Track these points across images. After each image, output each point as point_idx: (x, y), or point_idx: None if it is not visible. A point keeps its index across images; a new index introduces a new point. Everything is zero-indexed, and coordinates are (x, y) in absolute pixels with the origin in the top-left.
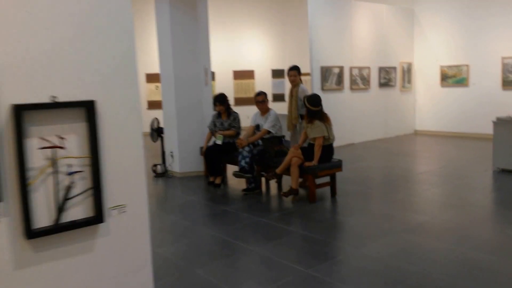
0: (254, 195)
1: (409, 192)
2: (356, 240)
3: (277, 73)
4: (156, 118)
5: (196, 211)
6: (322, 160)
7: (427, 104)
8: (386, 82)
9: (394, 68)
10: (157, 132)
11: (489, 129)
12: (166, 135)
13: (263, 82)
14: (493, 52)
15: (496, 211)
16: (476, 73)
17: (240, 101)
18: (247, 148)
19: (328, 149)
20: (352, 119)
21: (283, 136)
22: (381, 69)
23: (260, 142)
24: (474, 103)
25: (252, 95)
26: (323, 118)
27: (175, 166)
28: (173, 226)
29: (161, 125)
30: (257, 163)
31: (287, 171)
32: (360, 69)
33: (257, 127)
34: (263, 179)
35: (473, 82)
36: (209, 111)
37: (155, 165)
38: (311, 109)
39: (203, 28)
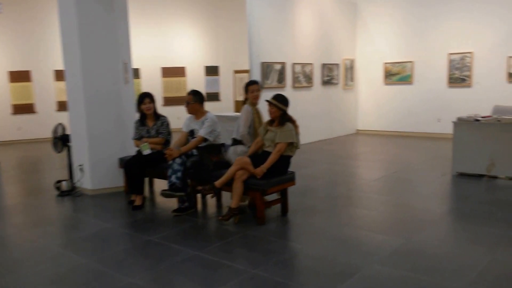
0: (188, 217)
1: (366, 205)
2: (322, 283)
3: (211, 70)
4: (61, 124)
5: (112, 246)
6: (276, 173)
7: (370, 103)
8: (329, 79)
9: (337, 65)
10: (61, 141)
11: (435, 128)
12: (73, 144)
13: (196, 80)
14: (439, 48)
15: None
16: (421, 70)
17: (170, 101)
18: (178, 160)
19: (287, 160)
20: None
21: (223, 144)
22: (324, 66)
23: (194, 152)
24: (419, 101)
25: (182, 94)
26: (293, 121)
27: (86, 181)
28: (79, 273)
29: (68, 132)
30: (191, 177)
31: (229, 186)
32: (303, 65)
33: (191, 134)
34: (199, 195)
35: (417, 80)
36: (131, 114)
37: (59, 181)
38: (284, 109)
39: (121, 17)
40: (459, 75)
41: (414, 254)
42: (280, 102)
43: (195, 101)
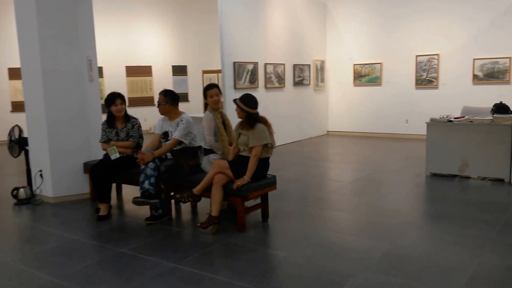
0: (162, 225)
1: (346, 208)
2: None
3: (178, 70)
4: (17, 125)
5: (79, 260)
6: (257, 176)
7: (340, 104)
8: (300, 80)
9: (308, 65)
10: (18, 144)
11: (403, 129)
12: (32, 147)
13: (163, 80)
14: (407, 50)
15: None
16: (389, 71)
17: (135, 102)
18: (151, 165)
19: (265, 163)
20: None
21: (200, 147)
22: (295, 67)
23: (169, 155)
24: (387, 102)
25: (149, 94)
26: (265, 122)
27: (47, 189)
28: None
29: (25, 134)
30: (166, 182)
31: (208, 191)
32: (275, 66)
33: (165, 136)
34: (173, 201)
35: (386, 81)
36: (97, 115)
37: (16, 189)
38: (251, 112)
39: (84, 9)
40: (426, 77)
41: (403, 260)
42: (243, 102)
43: (166, 102)
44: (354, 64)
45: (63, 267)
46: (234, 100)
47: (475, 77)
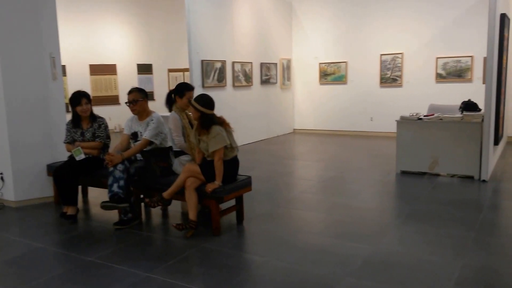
0: (132, 230)
1: (322, 209)
2: None
3: (143, 68)
4: None
5: (44, 270)
6: (228, 178)
7: (306, 102)
8: (267, 79)
9: (275, 64)
10: None
11: (368, 127)
12: None
13: (128, 78)
14: (371, 49)
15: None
16: (354, 70)
17: (99, 101)
18: (120, 167)
19: (233, 163)
20: (235, 119)
21: (171, 148)
22: (262, 65)
23: (138, 156)
24: (353, 100)
25: (113, 93)
26: (221, 122)
27: (8, 192)
28: None
29: None
30: (136, 185)
31: (179, 195)
32: (243, 64)
33: (134, 137)
34: (143, 204)
35: (351, 80)
36: (61, 115)
37: None
38: (206, 113)
39: (47, 4)
40: (390, 75)
41: (386, 264)
42: (198, 102)
43: (143, 97)
44: (320, 63)
45: (26, 279)
46: (189, 101)
47: (438, 75)
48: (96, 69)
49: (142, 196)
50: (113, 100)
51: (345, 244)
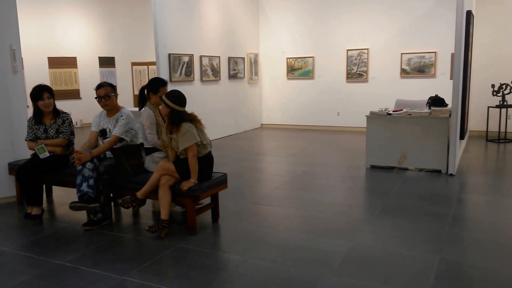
0: (103, 231)
1: (296, 205)
2: None
3: (105, 61)
4: None
5: (10, 276)
6: (203, 175)
7: (274, 97)
8: (235, 73)
9: (243, 59)
10: None
11: (335, 122)
12: None
13: (89, 72)
14: (338, 45)
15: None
16: (321, 65)
17: (58, 95)
18: (89, 165)
19: (207, 160)
20: (203, 114)
21: (142, 145)
22: (230, 60)
23: (108, 154)
24: (320, 95)
25: (74, 87)
26: (192, 119)
27: None
28: None
29: None
30: (106, 184)
31: (152, 194)
32: (211, 58)
33: (102, 134)
34: (113, 203)
35: (318, 75)
36: (22, 111)
37: None
38: (177, 109)
39: None
40: (356, 71)
41: (366, 260)
42: (168, 97)
43: (114, 92)
44: (287, 58)
45: None
46: (160, 97)
47: (402, 71)
48: (55, 62)
49: (112, 195)
50: (73, 94)
51: (323, 241)
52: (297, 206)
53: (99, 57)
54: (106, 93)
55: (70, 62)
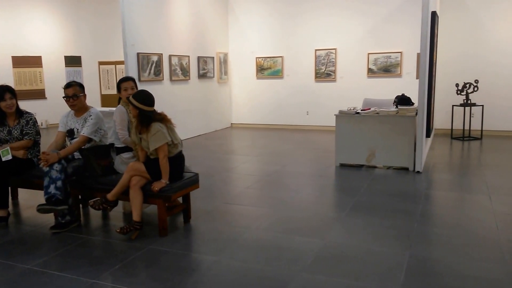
0: (71, 234)
1: (268, 204)
2: None
3: (72, 60)
4: None
5: None
6: (173, 176)
7: (243, 97)
8: (204, 73)
9: (212, 58)
10: None
11: (304, 121)
12: None
13: (54, 71)
14: (306, 44)
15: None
16: (290, 65)
17: (23, 95)
18: (57, 166)
19: (178, 160)
20: (173, 114)
21: (112, 145)
22: (199, 59)
23: (76, 155)
24: (289, 95)
25: (39, 86)
26: (162, 118)
27: None
28: None
29: None
30: (74, 186)
31: (123, 195)
32: (180, 58)
33: (70, 134)
34: (82, 205)
35: (287, 74)
36: None
37: None
38: (145, 110)
39: None
40: (325, 70)
41: (338, 257)
42: (136, 98)
43: (83, 91)
44: (257, 57)
45: None
46: (127, 98)
47: (369, 70)
48: (20, 61)
49: (80, 197)
50: (38, 94)
51: (295, 239)
52: (269, 205)
53: (65, 56)
54: (74, 92)
55: (34, 61)
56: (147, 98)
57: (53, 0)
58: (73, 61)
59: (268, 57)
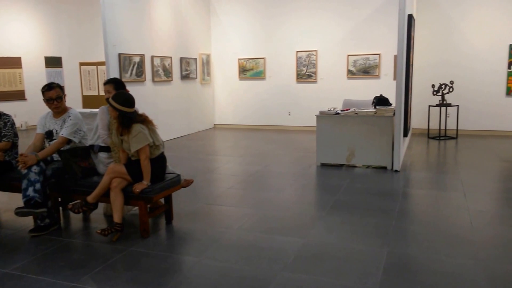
0: (51, 236)
1: (251, 204)
2: None
3: (52, 61)
4: None
5: None
6: (155, 177)
7: (226, 98)
8: (187, 74)
9: (195, 59)
10: None
11: (286, 121)
12: None
13: (34, 72)
14: (288, 46)
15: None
16: (272, 66)
17: (2, 96)
18: (35, 168)
19: (159, 161)
20: (155, 115)
21: (92, 147)
22: (182, 60)
23: (55, 157)
24: (271, 95)
25: (18, 87)
26: (143, 120)
27: None
28: None
29: None
30: (53, 188)
31: (104, 197)
32: (162, 59)
33: (49, 136)
34: (61, 208)
35: (269, 75)
36: None
37: None
38: (125, 111)
39: None
40: (306, 72)
41: (318, 256)
42: (115, 100)
43: (63, 92)
44: (239, 59)
45: None
46: (107, 99)
47: (349, 72)
48: None
49: (60, 199)
50: (17, 95)
51: (276, 239)
52: (251, 205)
53: (45, 57)
54: (57, 95)
55: (14, 62)
56: (126, 100)
57: (33, 0)
58: (53, 62)
59: (250, 59)
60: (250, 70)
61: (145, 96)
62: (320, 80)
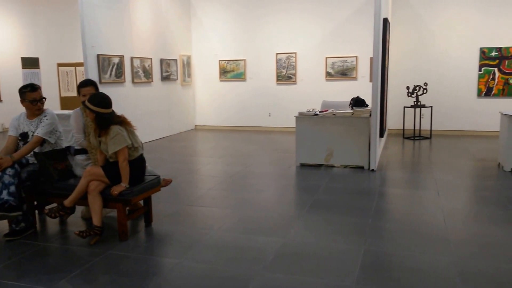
0: (26, 241)
1: (231, 205)
2: None
3: (29, 62)
4: None
5: None
6: (134, 179)
7: (207, 99)
8: (168, 75)
9: (175, 60)
10: None
11: (266, 122)
12: None
13: (10, 74)
14: (268, 48)
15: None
16: (252, 68)
17: None
18: (10, 171)
19: (138, 163)
20: (135, 116)
21: (69, 148)
22: (162, 61)
23: (30, 159)
24: (252, 97)
25: None
26: (121, 121)
27: None
28: None
29: None
30: (28, 191)
31: (82, 200)
32: (142, 60)
33: (23, 138)
34: (37, 211)
35: (250, 77)
36: None
37: None
38: (102, 113)
39: None
40: (285, 73)
41: (297, 255)
42: (90, 101)
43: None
44: (220, 60)
45: None
46: (82, 102)
47: (327, 74)
48: None
49: (36, 203)
50: None
51: (256, 239)
52: (231, 206)
53: (21, 58)
54: (41, 96)
55: None
56: (103, 101)
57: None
58: (30, 63)
59: (231, 60)
60: (230, 72)
61: (125, 97)
62: (299, 82)
